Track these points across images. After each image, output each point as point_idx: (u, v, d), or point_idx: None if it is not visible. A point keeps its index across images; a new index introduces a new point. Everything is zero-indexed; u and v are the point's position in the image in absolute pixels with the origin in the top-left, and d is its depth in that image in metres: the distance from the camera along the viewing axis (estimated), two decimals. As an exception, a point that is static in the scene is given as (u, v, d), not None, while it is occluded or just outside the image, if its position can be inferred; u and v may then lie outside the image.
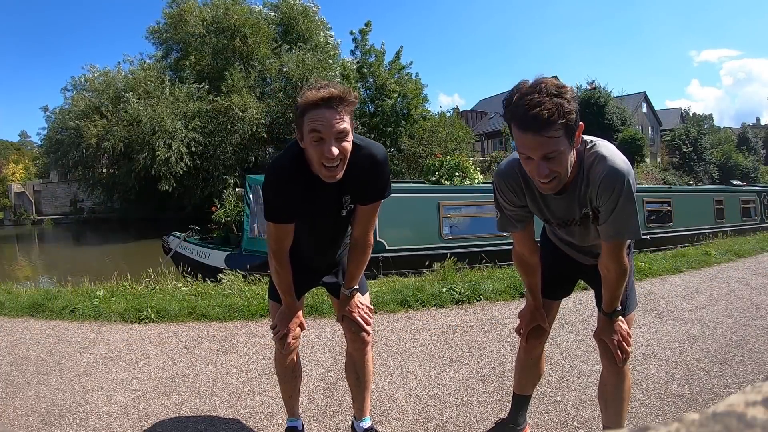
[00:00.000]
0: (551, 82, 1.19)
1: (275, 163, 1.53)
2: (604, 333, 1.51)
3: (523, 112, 1.16)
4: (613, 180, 1.28)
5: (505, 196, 1.50)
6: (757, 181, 27.46)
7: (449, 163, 6.83)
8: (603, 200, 1.31)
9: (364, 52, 21.12)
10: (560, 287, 1.75)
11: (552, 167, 1.23)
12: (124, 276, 4.68)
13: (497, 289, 3.95)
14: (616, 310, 1.49)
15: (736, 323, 3.24)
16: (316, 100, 1.31)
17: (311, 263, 1.75)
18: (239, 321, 3.47)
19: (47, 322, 3.54)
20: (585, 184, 1.35)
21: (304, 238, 1.62)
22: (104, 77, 18.89)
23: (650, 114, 35.23)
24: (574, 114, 1.18)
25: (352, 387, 1.84)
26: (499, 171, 1.51)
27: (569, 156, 1.25)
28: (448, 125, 20.97)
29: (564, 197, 1.40)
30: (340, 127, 1.32)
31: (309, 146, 1.36)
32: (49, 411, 2.19)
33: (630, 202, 1.29)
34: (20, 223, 26.92)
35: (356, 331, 1.70)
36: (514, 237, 1.62)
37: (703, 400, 2.17)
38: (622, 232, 1.34)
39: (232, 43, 18.67)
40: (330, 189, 1.47)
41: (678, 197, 8.35)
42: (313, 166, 1.40)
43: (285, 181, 1.46)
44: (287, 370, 1.80)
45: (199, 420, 2.10)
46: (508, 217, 1.54)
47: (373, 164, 1.48)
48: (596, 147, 1.34)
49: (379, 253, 5.58)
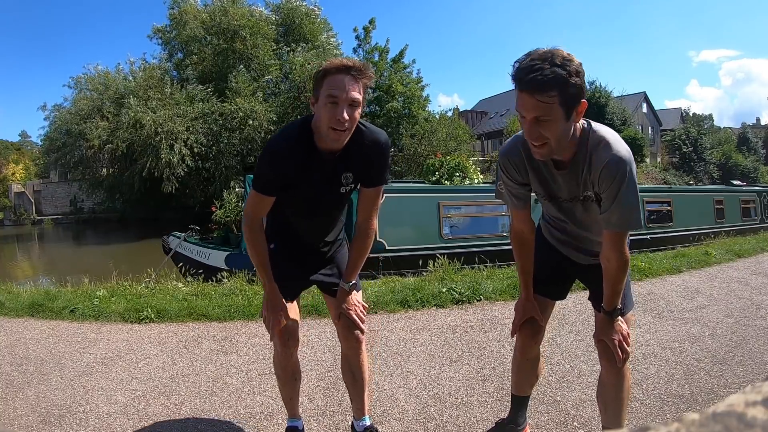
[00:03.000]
0: (560, 54, 1.23)
1: (276, 137, 1.57)
2: (604, 333, 1.51)
3: (524, 73, 1.22)
4: (615, 167, 1.30)
5: (508, 174, 1.53)
6: (757, 181, 27.46)
7: (449, 163, 6.84)
8: (604, 187, 1.33)
9: (367, 51, 21.04)
10: (554, 285, 1.73)
11: (543, 131, 1.26)
12: (124, 276, 4.68)
13: (497, 289, 3.95)
14: (616, 308, 1.49)
15: (736, 323, 3.24)
16: (339, 65, 1.42)
17: (305, 243, 1.73)
18: (239, 321, 3.47)
19: (47, 322, 3.54)
20: (587, 165, 1.36)
21: (300, 213, 1.64)
22: (105, 78, 18.90)
23: (650, 114, 35.23)
24: (573, 88, 1.22)
25: (349, 387, 1.85)
26: (502, 149, 1.55)
27: (564, 128, 1.28)
28: (448, 125, 20.98)
29: (567, 174, 1.42)
30: (355, 95, 1.40)
31: (322, 108, 1.42)
32: (49, 411, 2.19)
33: (632, 192, 1.31)
34: (20, 223, 26.91)
35: (351, 329, 1.71)
36: (513, 214, 1.65)
37: (703, 400, 2.17)
38: (624, 223, 1.36)
39: (232, 45, 18.68)
40: (329, 165, 1.53)
41: (678, 197, 8.35)
42: (321, 130, 1.45)
43: (281, 156, 1.50)
44: (287, 372, 1.80)
45: (199, 420, 2.10)
46: (510, 193, 1.57)
47: (378, 146, 1.55)
48: (601, 132, 1.36)
49: (379, 253, 5.58)
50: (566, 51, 1.25)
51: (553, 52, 1.23)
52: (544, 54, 1.23)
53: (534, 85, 1.20)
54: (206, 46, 19.23)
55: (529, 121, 1.27)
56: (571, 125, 1.30)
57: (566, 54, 1.24)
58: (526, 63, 1.23)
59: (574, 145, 1.36)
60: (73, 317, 3.61)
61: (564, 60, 1.21)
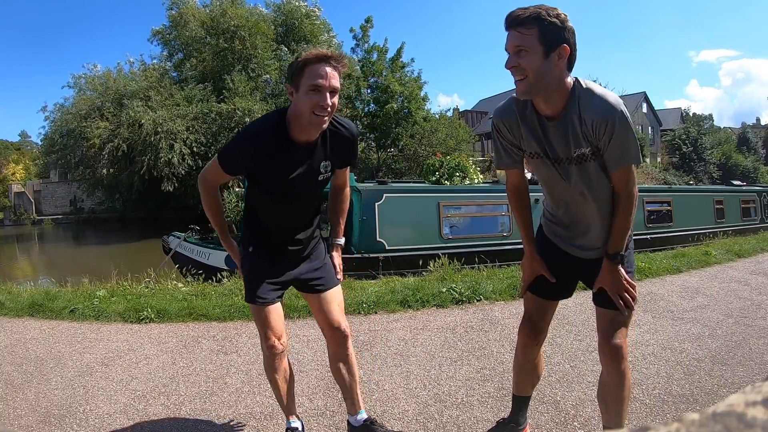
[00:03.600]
0: (548, 6, 1.37)
1: (251, 124, 1.67)
2: (606, 280, 1.54)
3: (509, 13, 1.39)
4: (605, 114, 1.38)
5: (501, 134, 1.60)
6: (757, 181, 27.45)
7: (449, 163, 6.84)
8: (599, 134, 1.41)
9: (365, 51, 20.98)
10: (556, 285, 1.73)
11: (521, 61, 1.37)
12: (124, 276, 4.69)
13: (497, 289, 3.95)
14: (618, 252, 1.52)
15: (736, 323, 3.24)
16: (319, 55, 1.50)
17: (283, 240, 1.75)
18: (239, 321, 3.47)
19: (47, 322, 3.54)
20: (579, 117, 1.42)
21: (277, 200, 1.68)
22: (105, 78, 18.92)
23: (650, 114, 35.24)
24: (552, 26, 1.34)
25: (341, 384, 1.86)
26: (496, 109, 1.61)
27: (543, 65, 1.37)
28: (448, 125, 20.96)
29: (558, 125, 1.46)
30: (335, 83, 1.51)
31: (303, 96, 1.49)
32: (49, 411, 2.19)
33: (626, 130, 1.40)
34: (20, 223, 26.93)
35: (336, 324, 1.79)
36: (508, 173, 1.71)
37: (703, 400, 2.17)
38: (625, 157, 1.43)
39: (231, 45, 18.69)
40: (305, 154, 1.61)
41: (678, 197, 8.35)
42: (303, 117, 1.52)
43: (250, 144, 1.58)
44: (279, 375, 1.78)
45: (199, 420, 2.10)
46: (505, 150, 1.62)
47: (351, 134, 1.72)
48: (589, 85, 1.44)
49: (379, 253, 5.58)
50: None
51: (542, 3, 1.38)
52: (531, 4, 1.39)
53: (516, 20, 1.36)
54: (206, 47, 19.23)
55: (511, 53, 1.39)
56: (552, 67, 1.37)
57: (554, 7, 1.37)
58: (515, 9, 1.39)
59: (564, 97, 1.43)
60: (73, 317, 3.61)
61: (548, 7, 1.36)
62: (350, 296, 3.75)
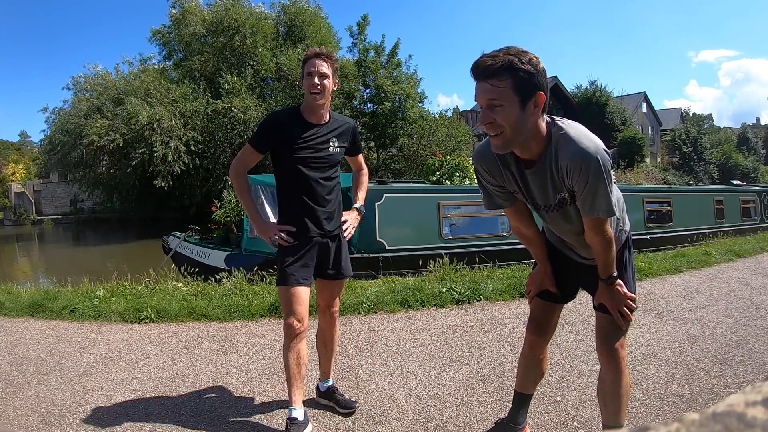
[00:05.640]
0: (518, 49, 1.27)
1: (273, 113, 2.15)
2: (605, 298, 1.55)
3: (478, 63, 1.28)
4: (580, 161, 1.31)
5: (482, 176, 1.56)
6: (757, 181, 27.45)
7: (449, 163, 6.82)
8: (574, 180, 1.35)
9: (362, 50, 20.89)
10: (560, 288, 1.75)
11: (496, 117, 1.28)
12: (124, 276, 4.68)
13: (497, 289, 3.95)
14: (611, 275, 1.52)
15: (736, 323, 3.24)
16: (312, 53, 2.02)
17: (308, 200, 2.01)
18: (239, 321, 3.47)
19: (47, 322, 3.54)
20: (555, 163, 1.37)
21: (305, 165, 1.99)
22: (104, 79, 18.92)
23: (650, 114, 35.21)
24: (526, 74, 1.24)
25: (320, 354, 2.24)
26: (475, 152, 1.57)
27: (519, 117, 1.28)
28: (448, 125, 20.90)
29: (536, 172, 1.42)
30: (323, 69, 1.98)
31: (304, 82, 2.00)
32: (49, 411, 2.19)
33: (599, 181, 1.32)
34: (20, 223, 26.94)
35: (330, 307, 2.17)
36: (507, 214, 1.67)
37: (703, 400, 2.17)
38: (594, 209, 1.37)
39: (231, 42, 18.68)
40: (316, 131, 2.03)
41: (678, 197, 8.35)
42: (306, 99, 2.01)
43: (278, 119, 2.05)
44: (292, 356, 1.92)
45: (199, 420, 2.10)
46: (492, 194, 1.59)
47: (349, 124, 2.16)
48: (565, 128, 1.36)
49: (379, 253, 5.58)
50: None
51: (510, 47, 1.28)
52: (500, 49, 1.28)
53: (486, 71, 1.26)
54: (206, 45, 19.22)
55: (484, 107, 1.30)
56: (528, 117, 1.30)
57: (523, 49, 1.27)
58: (482, 57, 1.28)
59: (541, 143, 1.37)
60: (73, 317, 3.61)
61: (518, 52, 1.26)
62: (350, 296, 3.75)
